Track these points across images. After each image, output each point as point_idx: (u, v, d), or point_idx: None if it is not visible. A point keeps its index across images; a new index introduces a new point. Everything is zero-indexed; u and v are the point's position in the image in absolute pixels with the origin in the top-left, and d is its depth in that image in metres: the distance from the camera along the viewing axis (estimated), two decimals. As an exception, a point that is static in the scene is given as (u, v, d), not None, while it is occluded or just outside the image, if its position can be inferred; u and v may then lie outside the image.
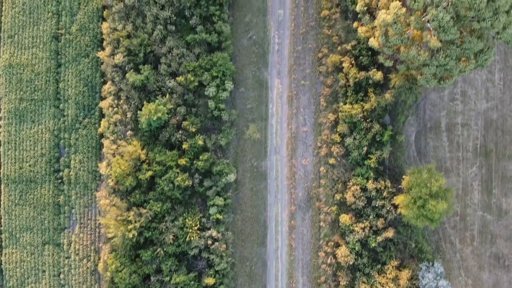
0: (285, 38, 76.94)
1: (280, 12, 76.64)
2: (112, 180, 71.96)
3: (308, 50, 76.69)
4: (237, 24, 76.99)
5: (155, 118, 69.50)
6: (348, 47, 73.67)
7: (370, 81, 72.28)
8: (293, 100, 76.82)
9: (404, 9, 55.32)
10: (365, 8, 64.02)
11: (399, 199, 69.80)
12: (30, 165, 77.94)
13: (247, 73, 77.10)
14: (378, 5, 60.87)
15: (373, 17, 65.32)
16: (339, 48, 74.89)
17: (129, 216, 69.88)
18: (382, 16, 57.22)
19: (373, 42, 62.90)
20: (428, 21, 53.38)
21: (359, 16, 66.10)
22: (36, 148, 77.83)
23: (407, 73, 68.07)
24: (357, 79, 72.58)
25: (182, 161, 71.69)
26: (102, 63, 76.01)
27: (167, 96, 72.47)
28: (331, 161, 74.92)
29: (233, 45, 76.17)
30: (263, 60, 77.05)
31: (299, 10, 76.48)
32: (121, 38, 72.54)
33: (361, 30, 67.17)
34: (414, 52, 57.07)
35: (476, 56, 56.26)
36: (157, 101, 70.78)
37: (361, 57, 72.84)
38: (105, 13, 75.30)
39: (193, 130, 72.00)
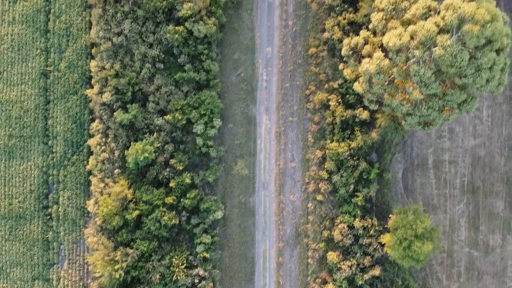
0: (273, 75, 77.33)
1: (268, 50, 77.05)
2: (100, 219, 72.27)
3: (295, 87, 77.07)
4: (226, 61, 77.39)
5: (142, 158, 69.88)
6: (335, 85, 74.04)
7: (357, 120, 72.63)
8: (281, 136, 77.13)
9: (387, 61, 55.62)
10: (350, 52, 64.31)
11: (385, 238, 70.05)
12: (19, 201, 78.28)
13: (236, 109, 77.45)
14: (362, 53, 61.13)
15: (358, 59, 65.67)
16: (326, 85, 75.29)
17: (116, 256, 70.16)
18: (365, 65, 57.57)
19: (357, 87, 63.25)
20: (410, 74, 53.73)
21: (344, 59, 66.40)
22: (25, 185, 78.18)
23: (393, 113, 68.40)
24: (343, 117, 72.93)
25: (169, 200, 72.00)
26: (90, 101, 76.39)
27: (155, 134, 72.86)
28: (319, 197, 75.19)
29: (221, 82, 76.59)
30: (252, 96, 77.42)
31: (287, 48, 76.89)
32: (109, 77, 72.98)
33: (347, 72, 67.56)
34: (397, 102, 57.41)
35: (460, 106, 56.54)
36: (144, 140, 71.14)
37: (347, 96, 73.18)
38: (93, 50, 75.74)
39: (181, 168, 72.31)
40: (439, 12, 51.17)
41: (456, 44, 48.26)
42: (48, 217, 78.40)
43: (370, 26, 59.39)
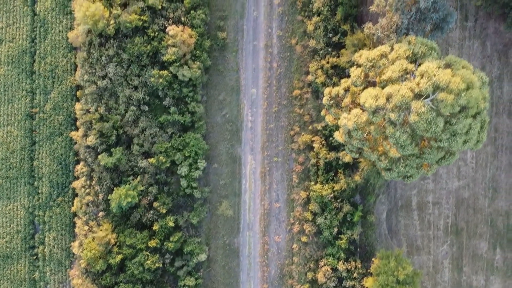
0: (258, 116, 77.60)
1: (253, 91, 77.30)
2: (84, 262, 72.70)
3: (280, 127, 77.36)
4: (211, 102, 77.67)
5: (125, 203, 70.27)
6: (319, 127, 74.33)
7: (340, 162, 72.90)
8: (266, 176, 77.44)
9: (364, 118, 55.78)
10: (331, 102, 64.49)
11: (368, 282, 70.36)
12: (6, 241, 78.70)
13: (221, 150, 77.76)
14: (341, 106, 61.33)
15: (340, 107, 65.86)
16: (310, 127, 75.58)
17: (100, 300, 70.80)
18: (344, 120, 57.73)
19: (337, 137, 63.38)
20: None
21: (325, 107, 66.60)
22: (12, 225, 78.63)
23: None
24: (327, 159, 73.24)
25: (153, 243, 72.41)
26: (75, 143, 76.70)
27: (138, 177, 73.25)
28: (304, 239, 75.50)
29: (207, 123, 76.95)
30: (237, 137, 77.72)
31: (272, 89, 77.16)
32: (93, 120, 73.30)
33: (328, 119, 67.67)
34: (376, 157, 57.63)
35: (439, 161, 56.67)
36: (127, 185, 71.53)
37: (331, 138, 73.45)
38: (78, 93, 76.07)
39: (164, 211, 72.73)
40: (415, 76, 51.36)
41: (431, 111, 48.42)
42: (35, 257, 78.84)
43: (348, 84, 59.59)
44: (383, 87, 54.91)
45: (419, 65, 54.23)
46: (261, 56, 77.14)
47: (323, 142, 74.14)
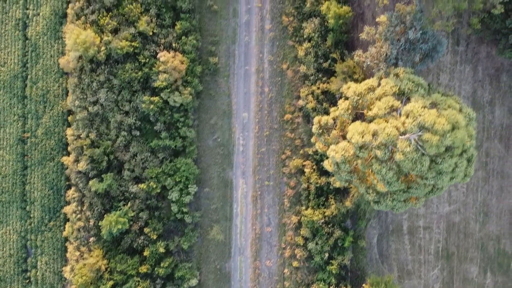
0: (249, 140, 77.70)
1: (245, 115, 77.38)
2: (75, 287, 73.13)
3: (272, 151, 77.45)
4: (203, 126, 77.80)
5: (115, 230, 70.47)
6: (310, 151, 74.39)
7: (331, 187, 72.99)
8: (258, 200, 77.56)
9: (352, 151, 55.84)
10: (321, 131, 64.55)
11: (358, 308, 70.62)
12: (-1, 265, 79.33)
13: (212, 174, 77.89)
14: (330, 137, 61.37)
15: (329, 134, 65.89)
16: (301, 151, 75.70)
17: (91, 326, 71.08)
18: (332, 152, 57.79)
19: (327, 166, 63.46)
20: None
21: (315, 135, 66.65)
22: (4, 249, 78.93)
23: (365, 188, 68.65)
24: (318, 184, 73.34)
25: (143, 269, 72.65)
26: (67, 168, 76.89)
27: (129, 203, 73.42)
28: (295, 264, 75.62)
29: (198, 147, 77.15)
30: (228, 160, 77.84)
31: (263, 113, 77.23)
32: (84, 146, 73.45)
33: (318, 146, 67.61)
34: (364, 190, 57.72)
35: (426, 195, 56.77)
36: (118, 212, 71.76)
37: (322, 163, 73.39)
38: (69, 118, 76.26)
39: (154, 237, 72.94)
40: (401, 112, 51.40)
41: (416, 151, 48.49)
42: (27, 280, 79.19)
43: (337, 113, 59.64)
44: (370, 121, 55.11)
45: (407, 99, 54.35)
46: (252, 81, 77.22)
47: (314, 167, 74.24)
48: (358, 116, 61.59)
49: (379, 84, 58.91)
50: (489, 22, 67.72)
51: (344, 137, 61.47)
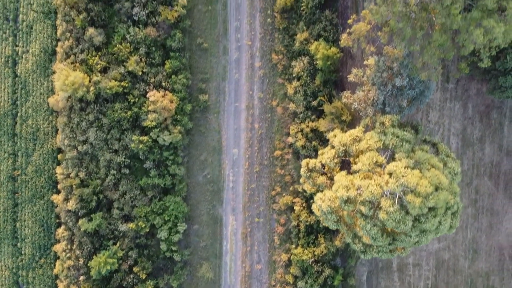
0: (239, 176, 77.79)
1: (235, 151, 77.46)
2: (65, 327, 73.47)
3: (262, 187, 77.54)
4: (193, 162, 77.87)
5: (104, 271, 70.69)
6: (300, 188, 74.44)
7: (321, 225, 73.04)
8: (248, 237, 77.66)
9: (338, 203, 55.95)
10: (308, 174, 64.64)
11: None
12: (-10, 301, 79.60)
13: (202, 210, 78.02)
14: (317, 180, 61.47)
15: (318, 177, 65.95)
16: (291, 187, 75.78)
17: None
18: (318, 201, 57.95)
19: (315, 210, 63.60)
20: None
21: (303, 177, 66.72)
22: (-5, 284, 79.44)
23: (353, 229, 68.76)
24: (308, 222, 73.42)
25: (133, 309, 72.99)
26: (56, 206, 77.08)
27: (118, 243, 73.60)
28: (285, 301, 75.84)
29: (188, 183, 77.24)
30: (218, 197, 77.94)
31: (253, 149, 77.31)
32: (74, 186, 73.58)
33: (307, 187, 67.83)
34: (350, 240, 57.82)
35: (413, 245, 56.85)
36: (107, 252, 71.95)
37: (311, 200, 73.52)
38: (59, 156, 76.39)
39: (144, 276, 73.13)
40: (385, 167, 51.44)
41: (399, 211, 48.55)
42: (18, 316, 79.69)
43: (324, 161, 59.69)
44: (357, 171, 55.15)
45: (392, 153, 54.36)
46: (242, 117, 77.26)
47: (304, 204, 74.32)
48: (345, 161, 61.76)
49: (366, 130, 59.15)
50: (479, 62, 67.63)
51: (331, 182, 61.67)
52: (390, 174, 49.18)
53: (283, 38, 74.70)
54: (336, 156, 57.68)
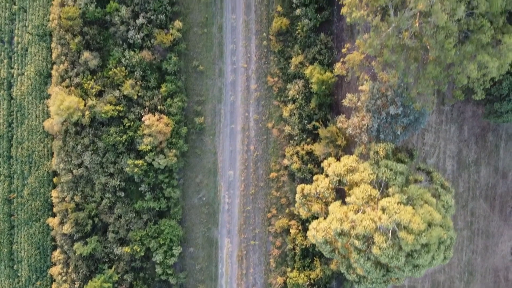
0: (235, 198, 77.79)
1: (230, 173, 77.44)
2: None
3: (257, 210, 77.53)
4: (188, 184, 77.89)
5: (100, 296, 70.91)
6: (296, 211, 74.35)
7: (317, 249, 72.92)
8: (243, 260, 77.66)
9: (331, 234, 55.98)
10: (303, 200, 64.68)
11: None
12: (-14, 323, 79.67)
13: (197, 233, 78.00)
14: (312, 209, 61.54)
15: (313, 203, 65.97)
16: (287, 210, 75.76)
17: None
18: (313, 231, 58.01)
19: (310, 237, 63.57)
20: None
21: (298, 202, 66.68)
22: (-8, 307, 79.50)
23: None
24: (304, 246, 73.40)
25: (129, 333, 73.04)
26: (52, 229, 77.12)
27: (113, 267, 73.65)
28: (280, 323, 75.88)
29: (183, 205, 77.24)
30: (214, 219, 77.94)
31: (249, 171, 77.28)
32: (69, 209, 73.63)
33: (302, 212, 67.92)
34: (345, 270, 57.85)
35: (407, 276, 56.89)
36: (102, 277, 72.00)
37: (307, 223, 73.52)
38: (55, 179, 76.43)
39: (140, 301, 73.38)
40: (378, 202, 51.44)
41: (392, 247, 48.56)
42: None
43: (318, 190, 59.71)
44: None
45: (386, 185, 54.35)
46: (238, 139, 77.25)
47: (300, 227, 74.30)
48: (339, 190, 61.81)
49: (360, 157, 59.17)
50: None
51: (326, 208, 61.75)
52: (383, 210, 49.16)
53: (279, 60, 74.69)
54: (331, 185, 57.68)
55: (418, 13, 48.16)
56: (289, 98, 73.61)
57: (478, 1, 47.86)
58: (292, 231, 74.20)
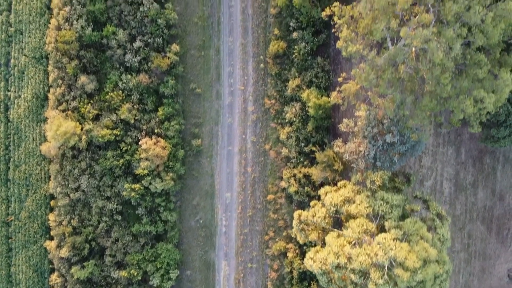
0: (232, 220, 77.79)
1: (228, 195, 77.44)
2: None
3: (255, 232, 77.53)
4: (185, 206, 77.88)
5: (97, 321, 70.94)
6: (293, 234, 74.36)
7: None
8: (241, 283, 77.69)
9: (328, 265, 55.97)
10: (300, 227, 64.63)
11: None
12: None
13: (194, 256, 78.04)
14: (309, 238, 61.53)
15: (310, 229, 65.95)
16: (284, 232, 75.75)
17: None
18: (309, 261, 57.99)
19: (307, 265, 63.59)
20: None
21: (295, 228, 66.62)
22: (-11, 329, 79.50)
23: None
24: (301, 269, 73.40)
25: None
26: (50, 252, 77.14)
27: (112, 290, 73.86)
28: None
29: (180, 229, 77.27)
30: (211, 242, 77.94)
31: (246, 193, 77.29)
32: (66, 233, 73.63)
33: (299, 238, 67.84)
34: (342, 304, 57.88)
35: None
36: (100, 302, 72.20)
37: (305, 247, 73.60)
38: (52, 202, 76.44)
39: (138, 325, 73.42)
40: (374, 237, 51.45)
41: (388, 283, 48.57)
42: None
43: (315, 220, 59.69)
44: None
45: (382, 218, 54.35)
46: (235, 161, 77.24)
47: (297, 250, 74.30)
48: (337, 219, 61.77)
49: (356, 183, 59.12)
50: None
51: (324, 234, 61.76)
52: (379, 246, 49.15)
53: (276, 83, 74.63)
54: (328, 215, 57.67)
55: (414, 49, 48.10)
56: (286, 120, 73.56)
57: (475, 37, 47.81)
58: (290, 254, 74.20)
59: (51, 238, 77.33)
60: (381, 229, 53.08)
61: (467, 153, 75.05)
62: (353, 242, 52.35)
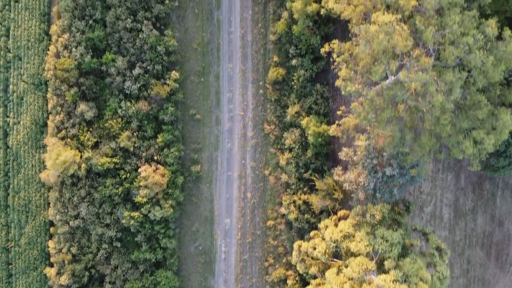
0: (232, 247, 77.76)
1: (227, 221, 77.42)
2: None
3: (254, 258, 77.51)
4: (184, 233, 77.83)
5: None
6: (293, 262, 74.34)
7: (314, 299, 73.04)
8: (240, 308, 77.76)
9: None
10: (300, 258, 64.67)
11: None
12: None
13: (194, 282, 78.02)
14: (309, 271, 61.61)
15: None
16: (284, 259, 75.76)
17: None
18: (309, 290, 58.02)
19: (307, 295, 63.75)
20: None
21: (295, 258, 66.67)
22: None
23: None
24: (301, 296, 73.52)
25: None
26: (50, 278, 77.11)
27: (111, 318, 73.83)
28: None
29: (179, 256, 77.23)
30: (210, 268, 77.92)
31: (246, 219, 77.28)
32: (66, 261, 73.61)
33: (299, 268, 67.84)
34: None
35: None
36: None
37: (305, 274, 73.53)
38: (51, 229, 76.35)
39: None
40: (376, 275, 51.47)
41: (387, 325, 48.63)
42: None
43: (315, 254, 59.70)
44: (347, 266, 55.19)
45: (382, 257, 54.38)
46: (235, 186, 77.19)
47: (297, 278, 74.29)
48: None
49: (357, 214, 59.14)
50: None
51: (324, 265, 61.84)
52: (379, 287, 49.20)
53: (275, 109, 74.58)
54: (328, 251, 57.69)
55: (413, 91, 48.01)
56: (286, 146, 73.50)
57: (475, 79, 47.75)
58: (290, 281, 74.20)
59: (51, 265, 77.28)
60: (381, 263, 53.12)
61: (467, 179, 75.05)
62: (352, 280, 52.37)
